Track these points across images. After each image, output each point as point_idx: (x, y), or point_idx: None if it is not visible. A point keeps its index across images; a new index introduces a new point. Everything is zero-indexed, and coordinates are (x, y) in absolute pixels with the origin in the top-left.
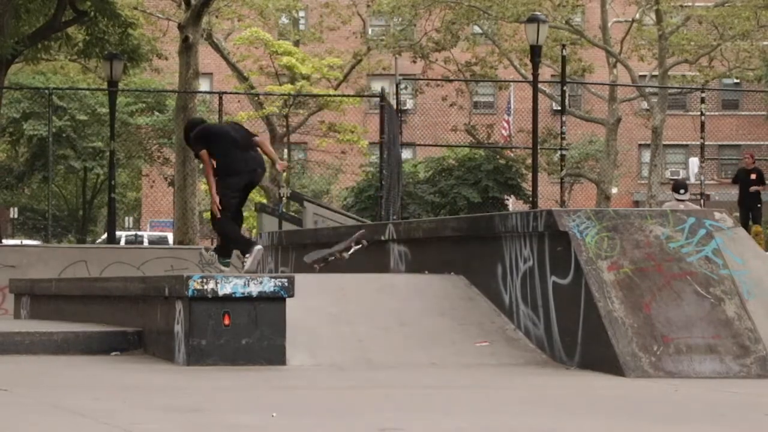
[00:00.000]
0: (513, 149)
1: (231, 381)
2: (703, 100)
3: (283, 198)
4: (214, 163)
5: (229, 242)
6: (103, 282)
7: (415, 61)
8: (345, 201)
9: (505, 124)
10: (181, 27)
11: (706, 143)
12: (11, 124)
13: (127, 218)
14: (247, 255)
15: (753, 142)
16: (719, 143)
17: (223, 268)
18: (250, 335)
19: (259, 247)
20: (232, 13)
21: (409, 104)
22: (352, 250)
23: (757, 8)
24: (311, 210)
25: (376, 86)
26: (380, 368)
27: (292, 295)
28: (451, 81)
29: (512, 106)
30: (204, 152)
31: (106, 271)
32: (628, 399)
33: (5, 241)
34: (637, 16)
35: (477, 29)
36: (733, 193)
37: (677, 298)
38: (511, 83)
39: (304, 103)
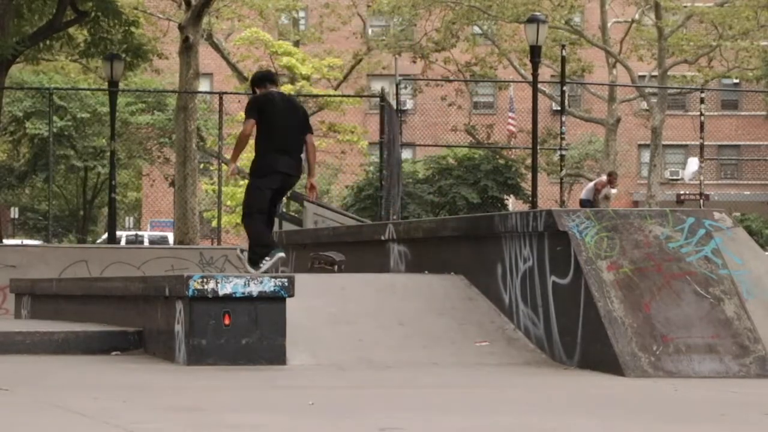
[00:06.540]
0: (513, 149)
1: (231, 381)
2: (702, 101)
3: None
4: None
5: (252, 242)
6: (104, 282)
7: (414, 61)
8: (345, 201)
9: (511, 121)
10: (181, 27)
11: (705, 143)
12: (12, 122)
13: (127, 218)
14: (266, 259)
15: (753, 142)
16: (719, 143)
17: (249, 268)
18: (250, 335)
19: (281, 254)
20: (232, 13)
21: (409, 104)
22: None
23: (757, 8)
24: (311, 210)
25: (376, 86)
26: (380, 368)
27: (292, 295)
28: (451, 81)
29: (514, 107)
30: (252, 124)
31: (107, 271)
32: (627, 399)
33: (6, 241)
34: (637, 16)
35: (477, 29)
36: (733, 193)
37: (677, 298)
38: (511, 83)
39: (304, 103)
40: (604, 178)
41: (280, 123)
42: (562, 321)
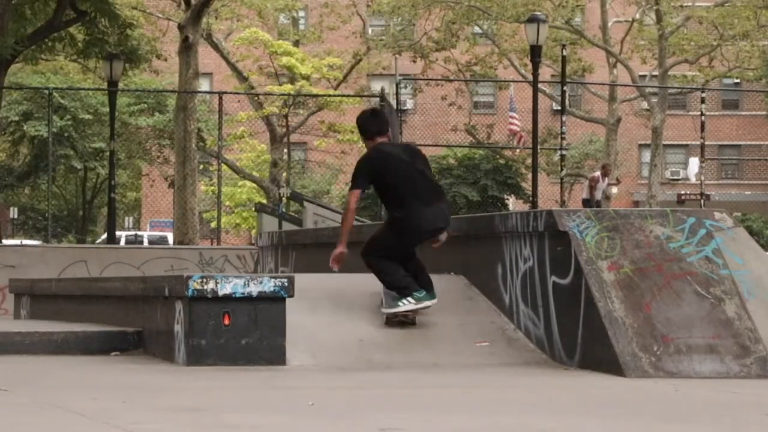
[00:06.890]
0: (514, 149)
1: (231, 381)
2: (703, 100)
3: (283, 198)
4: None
5: (382, 282)
6: (103, 282)
7: (415, 61)
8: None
9: (515, 121)
10: (181, 27)
11: (706, 143)
12: (11, 123)
13: (127, 218)
14: (407, 299)
15: (753, 142)
16: (719, 143)
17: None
18: (250, 335)
19: (428, 303)
20: (231, 12)
21: (409, 104)
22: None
23: (757, 8)
24: (311, 210)
25: (376, 86)
26: (380, 368)
27: (292, 295)
28: (451, 81)
29: (515, 106)
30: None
31: (106, 271)
32: (628, 399)
33: (5, 241)
34: (637, 16)
35: (477, 29)
36: (734, 193)
37: (677, 298)
38: (511, 83)
39: (303, 103)
40: (597, 173)
41: None
42: (563, 321)
